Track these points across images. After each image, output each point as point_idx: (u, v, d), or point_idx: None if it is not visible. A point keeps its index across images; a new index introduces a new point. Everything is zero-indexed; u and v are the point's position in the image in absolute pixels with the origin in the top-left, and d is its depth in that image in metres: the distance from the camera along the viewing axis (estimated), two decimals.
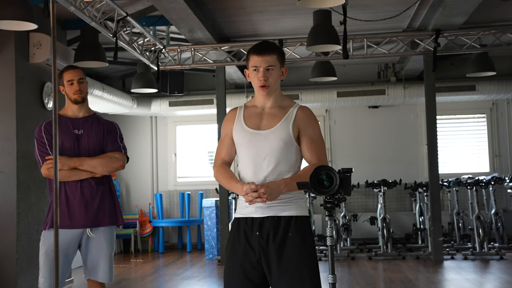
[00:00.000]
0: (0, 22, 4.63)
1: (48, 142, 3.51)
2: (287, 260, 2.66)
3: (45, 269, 3.45)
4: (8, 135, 5.87)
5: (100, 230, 3.57)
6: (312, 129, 2.78)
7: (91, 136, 3.60)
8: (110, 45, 6.56)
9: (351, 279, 6.72)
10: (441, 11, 6.46)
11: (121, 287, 6.72)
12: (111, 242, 3.62)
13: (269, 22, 7.31)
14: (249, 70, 2.81)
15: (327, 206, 2.61)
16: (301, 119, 2.77)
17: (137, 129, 10.48)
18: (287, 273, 2.65)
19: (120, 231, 9.78)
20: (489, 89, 9.23)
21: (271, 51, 2.77)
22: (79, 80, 3.62)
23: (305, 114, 2.79)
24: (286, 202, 2.71)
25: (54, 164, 2.94)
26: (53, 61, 3.01)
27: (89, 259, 3.55)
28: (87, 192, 3.53)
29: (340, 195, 2.63)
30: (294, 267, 2.65)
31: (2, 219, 5.85)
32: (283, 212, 2.70)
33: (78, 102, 3.62)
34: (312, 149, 2.76)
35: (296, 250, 2.67)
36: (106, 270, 3.56)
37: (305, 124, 2.77)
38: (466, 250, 8.16)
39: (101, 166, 3.54)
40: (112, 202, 3.64)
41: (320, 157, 2.75)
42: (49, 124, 3.58)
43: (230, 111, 2.92)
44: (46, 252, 3.46)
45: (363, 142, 10.10)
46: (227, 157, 2.86)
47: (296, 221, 2.70)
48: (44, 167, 3.48)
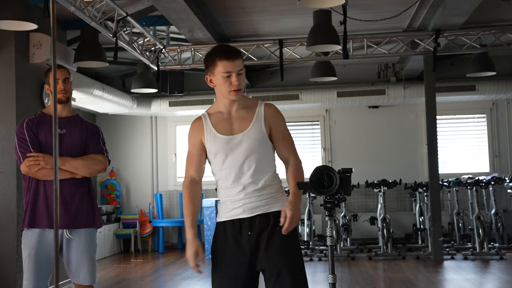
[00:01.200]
0: (0, 22, 4.63)
1: (30, 139, 3.46)
2: (277, 247, 2.65)
3: (28, 272, 3.38)
4: (8, 135, 5.88)
5: (80, 232, 3.50)
6: (282, 125, 2.79)
7: (73, 137, 3.56)
8: (110, 45, 6.56)
9: (351, 279, 6.72)
10: (441, 11, 6.46)
11: (121, 287, 6.72)
12: (92, 244, 3.55)
13: (269, 22, 7.31)
14: (215, 76, 2.71)
15: (327, 206, 2.62)
16: (270, 117, 2.77)
17: (137, 129, 10.48)
18: (275, 258, 2.65)
19: (120, 231, 9.79)
20: (489, 89, 9.23)
21: (239, 54, 2.73)
22: (64, 79, 3.58)
23: (272, 111, 2.79)
24: (272, 198, 2.72)
25: (54, 165, 2.93)
26: (53, 61, 3.00)
27: (71, 263, 3.48)
28: (67, 192, 3.48)
29: (340, 195, 2.63)
30: (280, 253, 2.65)
31: (2, 219, 5.86)
32: (271, 209, 2.71)
33: (62, 102, 3.58)
34: (287, 146, 2.78)
35: (284, 239, 2.66)
36: (88, 272, 3.48)
37: (275, 121, 2.78)
38: (466, 250, 8.16)
39: (83, 168, 3.50)
40: (91, 204, 3.59)
41: (295, 153, 2.79)
42: (32, 121, 3.53)
43: (194, 122, 2.85)
44: (29, 255, 3.40)
45: (363, 142, 10.10)
46: (196, 175, 2.81)
47: (277, 216, 2.70)
48: (24, 164, 3.42)
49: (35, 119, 3.56)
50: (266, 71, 9.93)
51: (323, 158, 10.15)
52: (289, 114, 10.09)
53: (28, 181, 3.51)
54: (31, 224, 3.43)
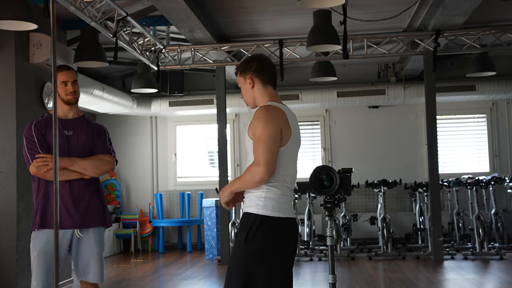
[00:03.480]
0: (0, 22, 4.63)
1: (38, 140, 3.48)
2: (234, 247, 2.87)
3: (38, 271, 3.41)
4: (8, 135, 5.88)
5: (89, 231, 3.54)
6: (257, 128, 2.75)
7: (81, 138, 3.59)
8: (110, 45, 6.56)
9: (351, 279, 6.72)
10: (441, 11, 6.46)
11: (121, 287, 6.72)
12: (100, 242, 3.59)
13: (269, 22, 7.31)
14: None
15: (327, 206, 2.62)
16: (252, 120, 2.81)
17: (137, 129, 10.48)
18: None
19: (120, 231, 9.79)
20: (489, 89, 9.23)
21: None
22: (74, 81, 3.61)
23: (254, 114, 2.82)
24: (249, 200, 2.81)
25: (54, 165, 2.93)
26: (53, 61, 3.01)
27: (80, 261, 3.53)
28: (76, 192, 3.51)
29: (340, 195, 2.63)
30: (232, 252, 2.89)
31: (2, 219, 5.85)
32: (245, 209, 2.82)
33: (71, 103, 3.61)
34: (255, 149, 2.76)
35: (236, 241, 2.82)
36: (97, 270, 3.53)
37: (252, 123, 2.80)
38: (466, 250, 8.16)
39: (92, 168, 3.52)
40: (101, 203, 3.62)
41: (257, 158, 2.72)
42: (40, 123, 3.55)
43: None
44: (38, 255, 3.43)
45: (363, 142, 10.10)
46: None
47: (244, 216, 2.80)
48: (33, 165, 3.44)
49: (43, 121, 3.57)
50: None
51: (323, 158, 10.14)
52: None
53: (37, 182, 3.53)
54: (42, 225, 3.46)
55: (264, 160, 2.66)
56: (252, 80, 2.90)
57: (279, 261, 2.72)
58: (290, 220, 2.79)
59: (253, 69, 2.90)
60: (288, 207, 2.80)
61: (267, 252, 2.69)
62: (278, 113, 2.78)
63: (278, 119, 2.75)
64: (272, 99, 2.88)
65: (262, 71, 2.91)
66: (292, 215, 2.82)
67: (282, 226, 2.75)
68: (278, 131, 2.72)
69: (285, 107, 2.86)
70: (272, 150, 2.69)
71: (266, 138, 2.68)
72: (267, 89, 2.91)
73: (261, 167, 2.67)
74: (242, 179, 2.75)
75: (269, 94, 2.90)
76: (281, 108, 2.82)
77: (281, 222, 2.74)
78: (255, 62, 2.92)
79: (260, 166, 2.67)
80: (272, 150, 2.69)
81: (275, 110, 2.79)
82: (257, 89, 2.91)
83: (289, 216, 2.79)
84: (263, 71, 2.91)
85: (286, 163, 2.79)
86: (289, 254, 2.81)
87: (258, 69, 2.90)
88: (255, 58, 2.96)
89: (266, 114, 2.75)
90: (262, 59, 2.96)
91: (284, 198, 2.77)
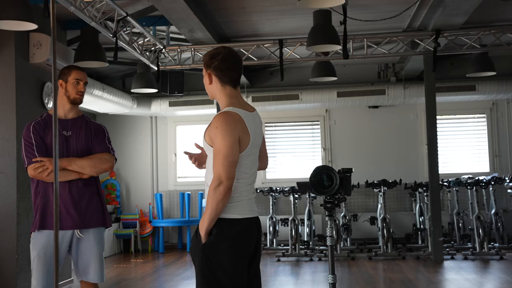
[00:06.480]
0: (0, 22, 4.63)
1: (36, 143, 3.46)
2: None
3: (38, 272, 3.41)
4: (8, 135, 5.88)
5: (89, 232, 3.53)
6: (216, 137, 2.70)
7: (79, 138, 3.57)
8: (110, 45, 6.56)
9: (351, 279, 6.72)
10: (441, 11, 6.46)
11: (121, 287, 6.72)
12: (100, 242, 3.58)
13: (269, 22, 7.31)
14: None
15: (327, 206, 2.62)
16: (209, 127, 2.75)
17: (137, 129, 10.48)
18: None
19: (120, 231, 9.79)
20: (489, 89, 9.23)
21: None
22: (85, 83, 3.64)
23: (212, 121, 2.73)
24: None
25: (54, 166, 2.93)
26: (53, 61, 3.01)
27: (80, 261, 3.53)
28: (75, 193, 3.50)
29: (340, 195, 2.64)
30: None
31: (2, 219, 5.85)
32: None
33: (75, 103, 3.61)
34: (214, 162, 2.71)
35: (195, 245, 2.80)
36: (97, 270, 3.53)
37: (210, 132, 2.73)
38: (466, 250, 8.16)
39: (90, 167, 3.51)
40: (100, 203, 3.62)
41: (217, 173, 2.68)
42: (38, 124, 3.53)
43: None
44: (38, 255, 3.43)
45: (363, 142, 10.10)
46: None
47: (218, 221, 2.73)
48: (31, 167, 3.43)
49: (41, 122, 3.55)
50: (266, 71, 9.92)
51: (323, 158, 10.14)
52: (289, 114, 10.10)
53: (36, 183, 3.53)
54: (42, 226, 3.46)
55: (225, 176, 2.65)
56: (211, 78, 2.84)
57: (240, 261, 2.70)
58: (248, 220, 2.75)
59: (213, 66, 2.82)
60: (246, 207, 2.76)
61: (226, 253, 2.67)
62: (236, 121, 2.70)
63: (236, 128, 2.68)
64: (231, 100, 2.80)
65: (222, 70, 2.80)
66: (252, 215, 2.78)
67: (239, 227, 2.72)
68: (237, 140, 2.67)
69: (243, 111, 2.77)
70: (232, 163, 2.66)
71: (225, 150, 2.65)
72: (225, 88, 2.82)
73: (222, 186, 2.65)
74: (209, 208, 2.70)
75: (227, 94, 2.82)
76: (239, 114, 2.73)
77: (239, 223, 2.72)
78: (216, 59, 2.81)
79: (221, 184, 2.65)
80: (232, 163, 2.66)
81: (234, 119, 2.70)
82: (216, 87, 2.84)
83: (247, 217, 2.75)
84: (223, 71, 2.80)
85: (246, 168, 2.76)
86: (250, 254, 2.77)
87: (218, 68, 2.81)
88: (218, 54, 2.83)
89: (225, 124, 2.67)
90: (224, 57, 2.81)
91: (241, 199, 2.74)
